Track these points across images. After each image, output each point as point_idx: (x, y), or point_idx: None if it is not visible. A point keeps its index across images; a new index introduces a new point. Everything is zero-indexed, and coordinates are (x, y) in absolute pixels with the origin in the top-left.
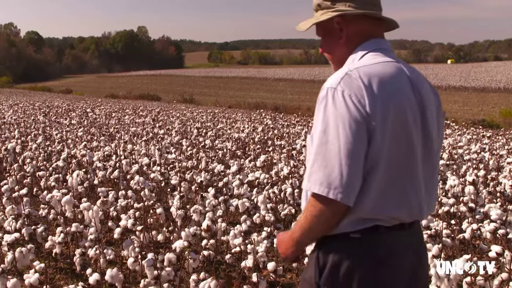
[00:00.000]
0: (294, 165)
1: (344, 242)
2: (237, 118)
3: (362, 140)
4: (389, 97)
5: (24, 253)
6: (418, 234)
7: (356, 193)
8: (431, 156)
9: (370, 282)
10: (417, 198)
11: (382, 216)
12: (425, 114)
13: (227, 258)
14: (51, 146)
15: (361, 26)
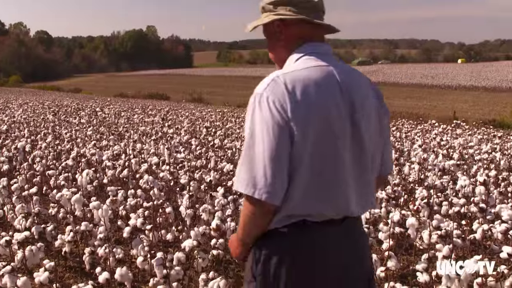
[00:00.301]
0: None
1: (274, 237)
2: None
3: (285, 143)
4: (311, 102)
5: (34, 251)
6: (354, 231)
7: (282, 192)
8: (362, 156)
9: (298, 274)
10: (344, 195)
11: (308, 212)
12: (355, 117)
13: None
14: (60, 145)
15: (299, 30)
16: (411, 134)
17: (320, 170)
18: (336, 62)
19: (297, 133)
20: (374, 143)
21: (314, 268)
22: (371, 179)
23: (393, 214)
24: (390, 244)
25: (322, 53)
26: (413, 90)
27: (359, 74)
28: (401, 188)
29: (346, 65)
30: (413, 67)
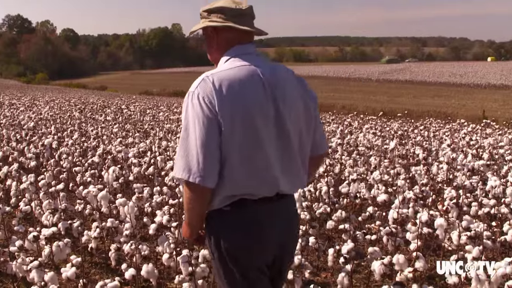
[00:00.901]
0: (330, 164)
1: (220, 215)
2: None
3: (214, 134)
4: (236, 97)
5: (61, 247)
6: (287, 207)
7: (214, 176)
8: (288, 142)
9: (243, 246)
10: (272, 176)
11: (244, 192)
12: (279, 109)
13: None
14: (86, 142)
15: (228, 34)
16: (439, 134)
17: (248, 156)
18: (260, 61)
19: (224, 125)
20: (301, 128)
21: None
22: (298, 161)
23: (421, 214)
24: (418, 244)
25: (248, 54)
26: (441, 88)
27: (283, 70)
28: (429, 188)
29: (271, 62)
30: (441, 65)
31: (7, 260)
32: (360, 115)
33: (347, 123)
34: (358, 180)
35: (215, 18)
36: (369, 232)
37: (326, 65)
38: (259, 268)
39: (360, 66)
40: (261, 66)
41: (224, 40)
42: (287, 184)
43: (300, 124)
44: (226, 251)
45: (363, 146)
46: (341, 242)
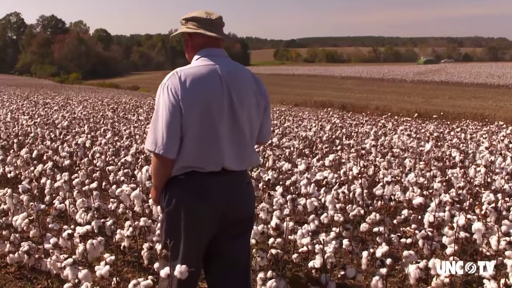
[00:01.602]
0: (364, 165)
1: (175, 182)
2: (303, 117)
3: (177, 116)
4: (196, 89)
5: (95, 245)
6: (237, 180)
7: (175, 150)
8: (238, 128)
9: (191, 209)
10: (219, 155)
11: (196, 165)
12: (232, 100)
13: (294, 257)
14: (119, 141)
15: (199, 39)
16: (477, 136)
17: (202, 136)
18: (223, 62)
19: (184, 110)
20: (251, 117)
21: (201, 206)
22: (248, 144)
23: (458, 218)
24: (455, 249)
25: (213, 56)
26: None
27: (242, 70)
28: (466, 191)
29: (233, 63)
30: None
31: (42, 257)
32: (394, 117)
33: (381, 124)
34: (393, 183)
35: (191, 25)
36: (404, 236)
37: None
38: (204, 227)
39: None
40: (222, 65)
41: (196, 43)
42: (234, 162)
43: (250, 113)
44: (174, 205)
45: (397, 148)
46: (375, 245)
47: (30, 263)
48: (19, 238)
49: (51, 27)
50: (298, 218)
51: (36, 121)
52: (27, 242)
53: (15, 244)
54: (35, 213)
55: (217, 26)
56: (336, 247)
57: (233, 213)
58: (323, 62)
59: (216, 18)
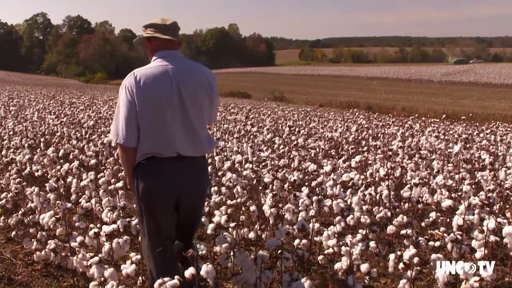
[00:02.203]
0: (391, 167)
1: (139, 167)
2: (329, 117)
3: (133, 111)
4: (148, 88)
5: (121, 244)
6: (191, 164)
7: (133, 139)
8: (188, 119)
9: (151, 187)
10: (171, 143)
11: (153, 151)
12: (182, 96)
13: (319, 259)
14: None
15: (156, 42)
16: (507, 138)
17: (155, 127)
18: (176, 62)
19: (139, 105)
20: (203, 109)
21: (159, 186)
22: (198, 132)
23: (488, 222)
24: (484, 253)
25: (168, 57)
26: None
27: (195, 69)
28: (496, 194)
29: (187, 63)
30: (509, 66)
31: (68, 255)
32: (421, 118)
33: (408, 125)
34: (420, 185)
35: (149, 31)
36: (432, 239)
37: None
38: (163, 205)
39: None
40: (174, 65)
41: (154, 46)
42: (187, 149)
43: (201, 106)
44: (142, 189)
45: (425, 149)
46: (402, 247)
47: (57, 261)
48: (46, 236)
49: (77, 27)
50: (323, 220)
51: (63, 120)
52: (54, 240)
53: (42, 242)
54: (62, 211)
55: (172, 30)
56: (363, 249)
57: (186, 192)
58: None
59: (170, 24)
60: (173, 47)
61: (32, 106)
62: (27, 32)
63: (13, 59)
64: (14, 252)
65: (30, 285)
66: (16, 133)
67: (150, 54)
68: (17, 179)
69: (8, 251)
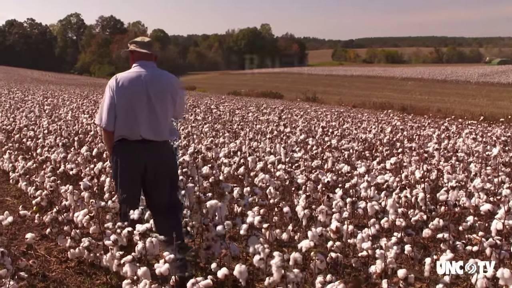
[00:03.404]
0: (427, 169)
1: (115, 146)
2: (362, 118)
3: (112, 104)
4: (124, 87)
5: (154, 243)
6: (155, 147)
7: (112, 124)
8: (153, 113)
9: (123, 159)
10: (137, 128)
11: (123, 134)
12: (150, 96)
13: (353, 262)
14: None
15: (137, 54)
16: None
17: (126, 117)
18: (149, 69)
19: (117, 100)
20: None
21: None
22: (160, 123)
23: None
24: None
25: (144, 65)
26: None
27: (163, 75)
28: None
29: (157, 71)
30: None
31: (101, 254)
32: (458, 119)
33: (444, 127)
34: (458, 188)
35: (132, 46)
36: (470, 243)
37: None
38: (130, 174)
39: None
40: (147, 72)
41: (135, 57)
42: (149, 134)
43: (165, 103)
44: (116, 161)
45: (462, 152)
46: (438, 251)
47: (90, 258)
48: (79, 234)
49: (110, 27)
50: (357, 222)
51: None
52: (87, 238)
53: (76, 240)
54: (95, 210)
55: (148, 46)
56: (397, 252)
57: (149, 167)
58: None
59: (148, 41)
60: (149, 58)
61: (66, 105)
62: (61, 33)
63: (47, 59)
64: (48, 249)
65: (64, 282)
66: (51, 132)
67: (132, 62)
68: (52, 178)
69: (42, 248)
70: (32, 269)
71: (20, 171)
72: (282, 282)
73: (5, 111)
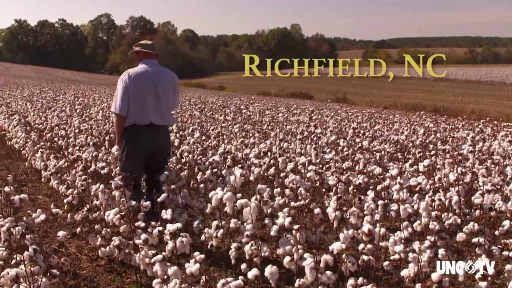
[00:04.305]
0: (462, 172)
1: (126, 130)
2: (394, 120)
3: (125, 94)
4: (135, 80)
5: (184, 242)
6: (158, 130)
7: (125, 111)
8: (158, 101)
9: (132, 141)
10: (147, 115)
11: (135, 120)
12: (157, 87)
13: (385, 265)
14: (206, 140)
15: (142, 54)
16: None
17: (138, 105)
18: (154, 66)
19: (129, 90)
20: (168, 96)
21: (136, 143)
22: (164, 109)
23: None
24: None
25: (149, 63)
26: None
27: (165, 71)
28: None
29: (160, 67)
30: None
31: (131, 252)
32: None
33: (479, 129)
34: (493, 191)
35: (138, 48)
36: (506, 248)
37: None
38: (139, 156)
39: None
40: (152, 68)
41: (141, 56)
42: (156, 119)
43: (168, 94)
44: (126, 143)
45: (498, 154)
46: (473, 256)
47: (120, 257)
48: (110, 233)
49: (140, 27)
50: (388, 225)
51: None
52: (118, 236)
53: (107, 238)
54: (126, 209)
55: (151, 47)
56: (431, 256)
57: (155, 147)
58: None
59: (150, 43)
60: (152, 57)
61: (96, 105)
62: (91, 33)
63: (78, 59)
64: (79, 247)
65: (94, 280)
66: (82, 131)
67: (138, 61)
68: (83, 176)
69: (73, 246)
70: (63, 266)
71: (51, 170)
72: (314, 285)
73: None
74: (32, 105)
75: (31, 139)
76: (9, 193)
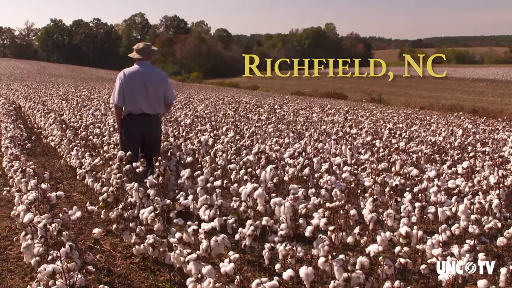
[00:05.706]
0: (503, 175)
1: (123, 119)
2: (431, 120)
3: (121, 88)
4: (129, 78)
5: (218, 242)
6: (149, 119)
7: (121, 102)
8: (149, 96)
9: (128, 129)
10: (139, 105)
11: (130, 110)
12: (147, 84)
13: (422, 268)
14: (240, 140)
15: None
16: None
17: (131, 98)
18: (146, 67)
19: (124, 86)
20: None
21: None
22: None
23: None
24: None
25: (142, 64)
26: None
27: (156, 71)
28: None
29: (152, 67)
30: None
31: (166, 251)
32: None
33: None
34: None
35: (135, 53)
36: None
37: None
38: (134, 139)
39: None
40: (144, 68)
41: (136, 59)
42: (147, 109)
43: (158, 90)
44: (124, 129)
45: None
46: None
47: (154, 255)
48: (144, 231)
49: (174, 27)
50: (425, 227)
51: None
52: (152, 235)
53: (141, 236)
54: (161, 207)
55: (144, 50)
56: (470, 260)
57: (147, 133)
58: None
59: (141, 48)
60: (146, 59)
61: None
62: (125, 32)
63: (112, 58)
64: (113, 245)
65: (128, 277)
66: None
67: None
68: (118, 174)
69: (108, 243)
70: (98, 263)
71: (86, 168)
72: (346, 286)
73: (72, 108)
74: (67, 104)
75: (67, 137)
76: (45, 190)
